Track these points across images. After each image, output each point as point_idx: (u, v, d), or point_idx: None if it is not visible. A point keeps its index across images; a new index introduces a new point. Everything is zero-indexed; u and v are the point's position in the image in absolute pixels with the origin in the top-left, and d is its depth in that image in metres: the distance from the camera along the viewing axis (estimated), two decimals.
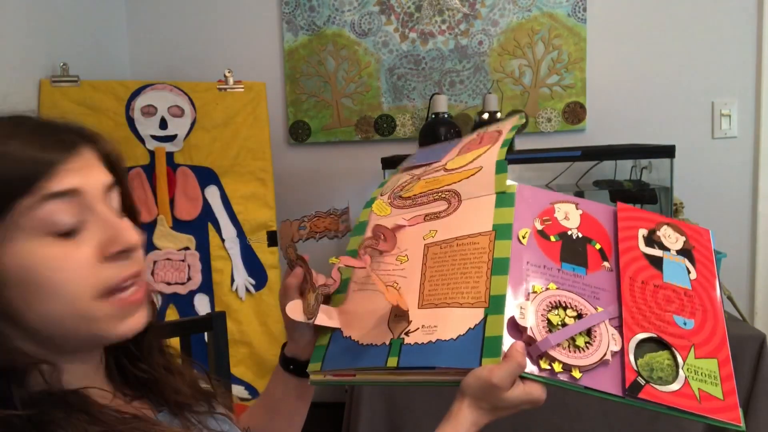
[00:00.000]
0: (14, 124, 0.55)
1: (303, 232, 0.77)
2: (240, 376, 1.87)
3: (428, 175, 0.87)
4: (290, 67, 2.21)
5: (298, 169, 2.26)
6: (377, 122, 2.22)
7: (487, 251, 0.71)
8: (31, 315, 0.53)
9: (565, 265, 0.72)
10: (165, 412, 0.66)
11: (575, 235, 0.76)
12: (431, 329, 0.67)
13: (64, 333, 0.55)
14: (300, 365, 0.80)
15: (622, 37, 2.17)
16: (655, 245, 0.76)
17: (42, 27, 1.77)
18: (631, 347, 0.66)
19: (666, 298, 0.71)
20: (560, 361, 0.63)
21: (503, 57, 2.18)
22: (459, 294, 0.69)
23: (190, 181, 1.87)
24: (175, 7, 2.21)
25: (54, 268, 0.52)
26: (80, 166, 0.55)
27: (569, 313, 0.67)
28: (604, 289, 0.71)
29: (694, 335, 0.69)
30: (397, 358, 0.66)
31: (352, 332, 0.73)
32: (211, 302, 1.88)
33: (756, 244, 2.21)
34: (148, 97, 1.84)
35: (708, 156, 2.18)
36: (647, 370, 0.65)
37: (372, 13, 2.18)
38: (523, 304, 0.66)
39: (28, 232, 0.52)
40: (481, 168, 0.81)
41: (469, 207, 0.78)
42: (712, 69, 2.16)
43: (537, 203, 0.78)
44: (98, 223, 0.55)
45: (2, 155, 0.52)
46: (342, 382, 0.72)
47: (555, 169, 2.07)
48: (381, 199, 0.88)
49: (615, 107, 2.19)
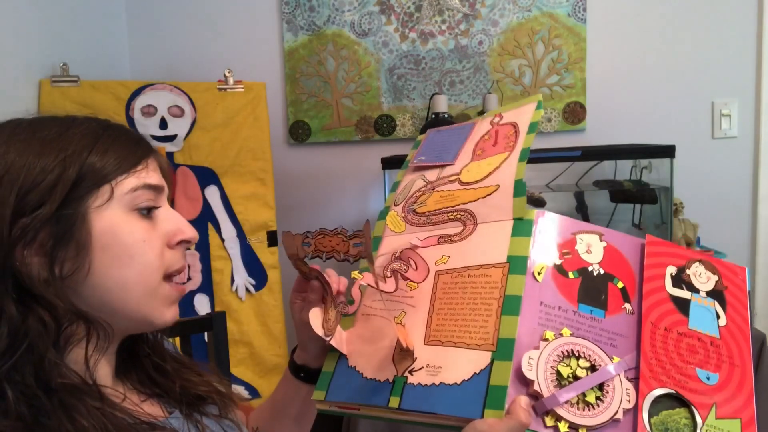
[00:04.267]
0: (111, 124, 0.65)
1: (307, 249, 0.72)
2: (240, 376, 1.87)
3: (442, 186, 0.83)
4: (290, 67, 2.21)
5: (298, 169, 2.26)
6: (377, 122, 2.22)
7: (498, 286, 0.67)
8: (105, 280, 0.59)
9: (582, 307, 0.67)
10: (176, 414, 0.67)
11: (597, 271, 0.70)
12: (436, 370, 0.64)
13: (123, 307, 0.60)
14: (310, 373, 0.80)
15: (622, 37, 2.17)
16: (684, 285, 0.71)
17: (42, 27, 1.77)
18: (645, 405, 0.61)
19: (689, 348, 0.66)
20: (567, 420, 0.59)
21: (503, 57, 2.18)
22: (466, 333, 0.65)
23: (190, 181, 1.87)
24: (175, 7, 2.21)
25: (137, 238, 0.61)
26: (155, 168, 0.65)
27: (581, 363, 0.62)
28: (623, 335, 0.66)
29: (717, 392, 0.64)
30: (399, 399, 0.65)
31: (357, 362, 0.71)
32: (211, 302, 1.88)
33: (756, 244, 2.21)
34: (148, 97, 1.84)
35: (708, 156, 2.19)
36: (661, 429, 0.60)
37: (372, 13, 2.18)
38: (531, 354, 0.62)
39: (122, 205, 0.60)
40: (498, 187, 0.76)
41: (484, 232, 0.74)
42: (712, 69, 2.16)
43: (557, 233, 0.71)
44: (167, 216, 0.65)
45: (116, 139, 0.62)
46: (347, 413, 0.71)
47: (555, 169, 2.07)
48: (395, 210, 0.85)
49: (615, 107, 2.19)
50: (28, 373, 0.53)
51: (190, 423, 0.67)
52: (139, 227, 0.61)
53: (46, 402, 0.53)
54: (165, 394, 0.69)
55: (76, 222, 0.57)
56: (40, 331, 0.54)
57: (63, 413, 0.53)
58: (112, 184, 0.60)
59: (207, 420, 0.69)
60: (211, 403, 0.73)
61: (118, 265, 0.59)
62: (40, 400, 0.53)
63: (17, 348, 0.53)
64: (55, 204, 0.56)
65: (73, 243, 0.57)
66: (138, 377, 0.69)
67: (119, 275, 0.59)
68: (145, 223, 0.62)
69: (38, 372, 0.54)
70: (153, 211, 0.63)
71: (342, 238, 0.70)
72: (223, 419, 0.72)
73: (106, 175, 0.59)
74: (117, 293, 0.60)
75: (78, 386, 0.56)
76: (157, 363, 0.70)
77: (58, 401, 0.54)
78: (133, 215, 0.61)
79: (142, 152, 0.64)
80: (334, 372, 0.72)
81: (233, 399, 0.76)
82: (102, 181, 0.59)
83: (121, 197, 0.60)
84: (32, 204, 0.56)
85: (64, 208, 0.57)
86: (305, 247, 0.72)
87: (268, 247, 1.93)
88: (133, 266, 0.60)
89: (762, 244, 2.20)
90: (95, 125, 0.63)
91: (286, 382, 0.84)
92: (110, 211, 0.59)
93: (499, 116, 0.87)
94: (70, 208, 0.57)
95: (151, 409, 0.65)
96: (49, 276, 0.56)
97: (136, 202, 0.61)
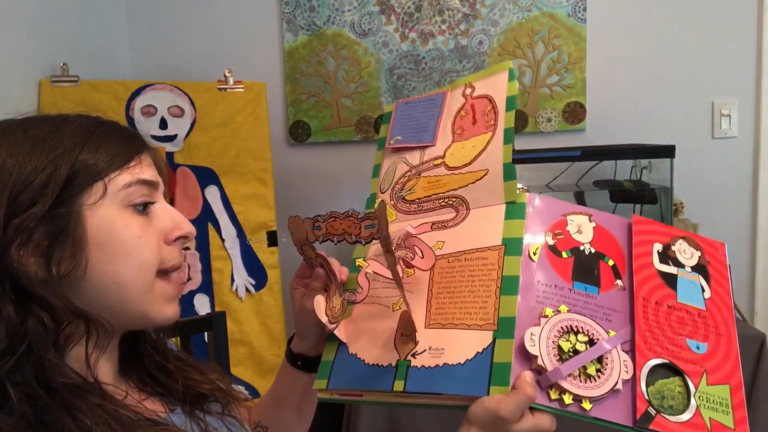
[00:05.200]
0: (103, 120, 0.64)
1: (318, 232, 0.72)
2: (240, 376, 1.87)
3: (428, 171, 0.83)
4: (290, 67, 2.21)
5: (298, 169, 2.26)
6: (377, 122, 2.22)
7: (496, 268, 0.68)
8: (102, 277, 0.59)
9: (577, 285, 0.69)
10: (177, 412, 0.67)
11: (588, 250, 0.73)
12: (438, 352, 0.65)
13: (121, 304, 0.60)
14: (308, 362, 0.80)
15: (622, 37, 2.17)
16: (670, 261, 0.74)
17: (42, 27, 1.77)
18: (642, 375, 0.64)
19: (679, 321, 0.69)
20: (570, 393, 0.61)
21: (503, 57, 2.18)
22: (467, 314, 0.67)
23: (190, 181, 1.87)
24: (175, 7, 2.21)
25: (133, 235, 0.60)
26: (149, 163, 0.65)
27: (580, 338, 0.65)
28: (617, 310, 0.69)
29: (706, 360, 0.67)
30: (403, 382, 0.65)
31: (357, 349, 0.71)
32: (211, 302, 1.88)
33: (756, 244, 2.21)
34: (148, 97, 1.83)
35: (708, 156, 2.18)
36: (658, 398, 0.63)
37: (372, 13, 2.18)
38: (533, 330, 0.64)
39: (117, 202, 0.60)
40: (487, 171, 0.77)
41: (477, 217, 0.75)
42: (712, 69, 2.16)
43: (549, 215, 0.74)
44: (163, 212, 0.64)
45: (108, 135, 0.62)
46: (349, 400, 0.71)
47: (555, 169, 2.07)
48: (382, 197, 0.85)
49: (615, 107, 2.19)
50: (28, 373, 0.53)
51: (192, 421, 0.67)
52: (134, 223, 0.61)
53: (48, 401, 0.53)
54: (167, 393, 0.69)
55: (71, 220, 0.57)
56: (40, 332, 0.54)
57: (65, 412, 0.53)
58: (105, 181, 0.59)
59: (210, 418, 0.69)
60: (214, 401, 0.73)
61: (114, 262, 0.59)
62: (42, 399, 0.53)
63: (17, 349, 0.53)
64: (47, 203, 0.56)
65: (69, 241, 0.57)
66: (140, 376, 0.69)
67: (116, 272, 0.59)
68: (140, 219, 0.61)
69: (39, 372, 0.54)
70: (149, 207, 0.63)
71: (353, 220, 0.69)
72: (226, 417, 0.72)
73: (99, 171, 0.59)
74: (114, 290, 0.60)
75: (79, 385, 0.56)
76: (159, 362, 0.70)
77: (60, 400, 0.54)
78: (128, 211, 0.61)
79: (134, 148, 0.63)
80: (334, 360, 0.72)
81: (236, 396, 0.76)
82: (95, 178, 0.59)
83: (114, 194, 0.60)
84: (25, 203, 0.55)
85: (57, 206, 0.56)
86: (316, 231, 0.72)
87: (268, 247, 1.93)
88: (129, 263, 0.60)
89: (762, 244, 2.20)
90: (87, 122, 0.62)
91: (283, 373, 0.84)
92: (104, 208, 0.59)
93: (470, 87, 0.85)
94: (64, 207, 0.57)
95: (152, 407, 0.65)
96: (46, 276, 0.56)
97: (130, 198, 0.61)
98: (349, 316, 0.76)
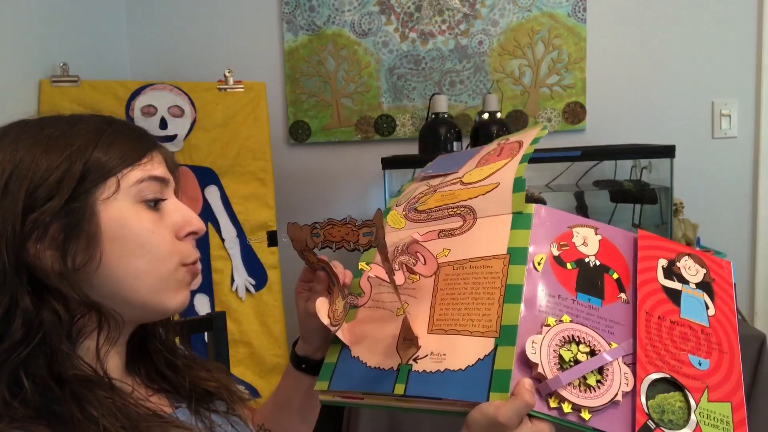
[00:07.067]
0: (115, 120, 0.67)
1: (317, 239, 0.72)
2: (240, 376, 1.87)
3: (444, 187, 0.84)
4: (290, 67, 2.21)
5: (298, 169, 2.27)
6: (377, 122, 2.23)
7: (500, 276, 0.69)
8: (117, 270, 0.61)
9: (580, 296, 0.69)
10: (183, 408, 0.68)
11: (593, 262, 0.73)
12: (440, 357, 0.66)
13: (135, 295, 0.62)
14: (312, 365, 0.80)
15: (622, 37, 2.17)
16: (675, 277, 0.74)
17: (42, 27, 1.77)
18: (643, 388, 0.63)
19: (682, 336, 0.69)
20: (570, 402, 0.61)
21: (503, 57, 2.18)
22: (470, 321, 0.67)
23: (190, 181, 1.87)
24: (175, 7, 2.21)
25: (145, 228, 0.62)
26: (160, 161, 0.67)
27: (582, 348, 0.65)
28: (619, 322, 0.69)
29: (708, 377, 0.67)
30: (404, 386, 0.65)
31: (360, 352, 0.72)
32: (211, 302, 1.88)
33: (756, 244, 2.21)
34: (148, 97, 1.84)
35: (708, 156, 2.19)
36: (658, 411, 0.63)
37: (372, 13, 2.18)
38: (535, 338, 0.64)
39: (129, 197, 0.62)
40: (498, 184, 0.78)
41: (484, 226, 0.76)
42: (712, 69, 2.16)
43: (555, 226, 0.74)
44: (174, 208, 0.67)
45: (120, 133, 0.64)
46: (350, 403, 0.71)
47: (555, 169, 2.07)
48: (396, 210, 0.86)
49: (615, 107, 2.19)
50: (41, 363, 0.55)
51: (197, 418, 0.68)
52: (146, 218, 0.63)
53: (59, 392, 0.55)
54: (173, 390, 0.70)
55: (85, 214, 0.59)
56: (55, 323, 0.56)
57: (74, 403, 0.55)
58: (118, 177, 0.61)
59: (215, 416, 0.70)
60: (219, 399, 0.73)
61: (128, 255, 0.61)
62: (53, 390, 0.55)
63: (31, 340, 0.55)
64: (63, 198, 0.58)
65: (83, 235, 0.59)
66: (147, 372, 0.70)
67: (130, 265, 0.61)
68: (152, 215, 0.64)
69: (51, 363, 0.56)
70: (160, 204, 0.65)
71: (351, 227, 0.70)
72: (231, 415, 0.73)
73: (112, 168, 0.61)
74: (129, 282, 0.61)
75: (89, 377, 0.58)
76: (168, 358, 0.71)
77: (70, 391, 0.55)
78: (141, 207, 0.63)
79: (146, 146, 0.65)
80: (336, 362, 0.73)
81: (241, 396, 0.77)
82: (108, 174, 0.61)
83: (127, 189, 0.62)
84: (41, 199, 0.58)
85: (72, 201, 0.58)
86: (314, 237, 0.72)
87: (268, 247, 1.93)
88: (143, 255, 0.62)
89: (762, 244, 2.20)
90: (99, 121, 0.65)
91: (288, 376, 0.84)
92: (117, 203, 0.61)
93: (506, 139, 0.91)
94: (78, 202, 0.59)
95: (159, 403, 0.66)
96: (62, 268, 0.58)
97: (142, 193, 0.63)
98: (353, 320, 0.76)
